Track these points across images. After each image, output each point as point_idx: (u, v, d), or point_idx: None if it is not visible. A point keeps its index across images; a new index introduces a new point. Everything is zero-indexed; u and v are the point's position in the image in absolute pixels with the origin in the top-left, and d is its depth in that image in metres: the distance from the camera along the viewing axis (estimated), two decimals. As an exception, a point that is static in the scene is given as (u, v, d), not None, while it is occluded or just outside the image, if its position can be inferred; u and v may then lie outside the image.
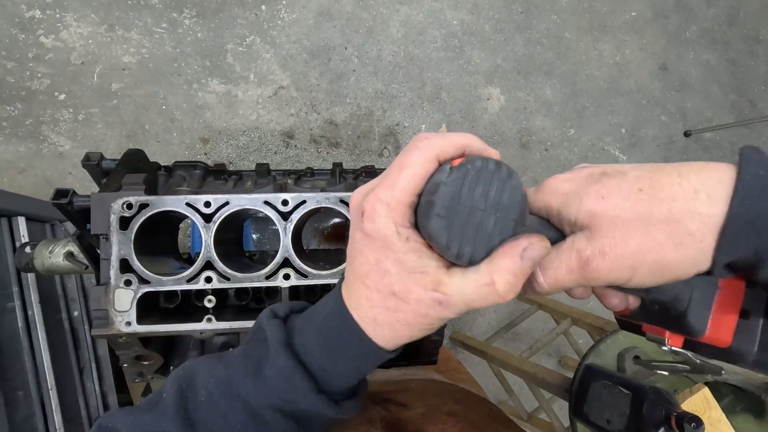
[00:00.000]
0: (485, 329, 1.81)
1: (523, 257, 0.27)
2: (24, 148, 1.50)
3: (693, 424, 0.56)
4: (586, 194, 0.27)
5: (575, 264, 0.27)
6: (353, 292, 0.31)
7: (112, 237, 0.56)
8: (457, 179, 0.27)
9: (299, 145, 1.71)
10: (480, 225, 0.27)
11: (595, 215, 0.26)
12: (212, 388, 0.34)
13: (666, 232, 0.25)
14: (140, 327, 0.57)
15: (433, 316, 0.29)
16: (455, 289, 0.28)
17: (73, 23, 1.56)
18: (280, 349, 0.33)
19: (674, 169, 0.26)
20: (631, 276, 0.26)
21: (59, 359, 0.89)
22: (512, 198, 0.27)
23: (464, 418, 0.49)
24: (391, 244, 0.28)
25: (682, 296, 0.28)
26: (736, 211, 0.24)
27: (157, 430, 0.33)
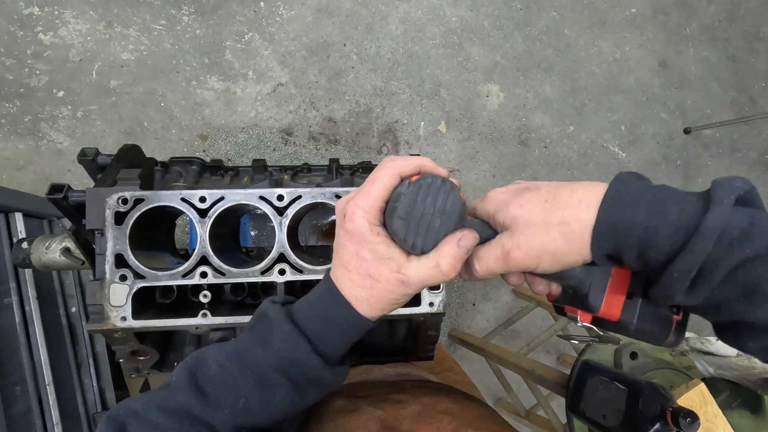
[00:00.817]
0: (484, 326, 1.81)
1: (459, 245, 0.37)
2: (23, 145, 1.50)
3: (688, 419, 0.56)
4: (512, 203, 0.37)
5: (500, 254, 0.37)
6: (339, 276, 0.40)
7: (107, 232, 0.56)
8: (413, 191, 0.37)
9: (298, 142, 1.71)
10: (429, 225, 0.37)
11: (515, 219, 0.36)
12: (223, 361, 0.40)
13: (559, 231, 0.34)
14: (135, 322, 0.57)
15: (398, 292, 0.38)
16: (413, 271, 0.37)
17: (72, 20, 1.55)
18: (283, 321, 0.40)
19: (570, 186, 0.35)
20: (538, 263, 0.35)
21: (57, 355, 0.89)
22: (453, 205, 0.37)
23: (459, 416, 0.49)
24: (366, 237, 0.37)
25: (585, 282, 0.37)
26: (601, 217, 0.32)
27: (172, 401, 0.38)
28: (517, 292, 1.78)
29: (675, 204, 0.31)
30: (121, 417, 0.38)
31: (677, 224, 0.30)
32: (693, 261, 0.29)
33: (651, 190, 0.32)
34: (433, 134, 1.81)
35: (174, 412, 0.38)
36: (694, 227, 0.29)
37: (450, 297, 1.80)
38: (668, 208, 0.31)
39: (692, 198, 0.31)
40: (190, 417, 0.38)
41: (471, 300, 1.82)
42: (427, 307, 0.62)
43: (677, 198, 0.31)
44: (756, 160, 2.12)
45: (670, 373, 0.76)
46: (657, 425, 0.60)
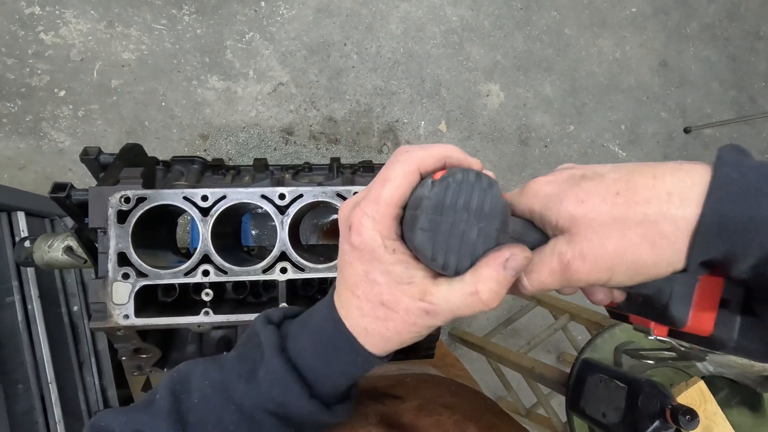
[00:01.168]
0: (484, 325, 1.81)
1: (506, 267, 0.28)
2: (24, 145, 1.50)
3: (688, 416, 0.56)
4: (566, 197, 0.28)
5: (557, 267, 0.28)
6: (344, 301, 0.32)
7: (109, 230, 0.57)
8: (438, 193, 0.28)
9: (298, 141, 1.71)
10: (463, 236, 0.28)
11: (574, 218, 0.27)
12: (206, 390, 0.35)
13: (641, 235, 0.26)
14: (138, 320, 0.57)
15: (421, 324, 0.30)
16: (442, 299, 0.29)
17: (73, 20, 1.56)
18: (274, 353, 0.34)
19: (650, 171, 0.27)
20: (609, 277, 0.27)
21: (59, 353, 0.90)
22: (493, 207, 0.28)
23: (459, 410, 0.49)
24: (378, 256, 0.29)
25: (664, 290, 0.30)
26: (707, 215, 0.25)
27: (150, 429, 0.34)
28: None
29: None
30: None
31: None
32: None
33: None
34: (434, 134, 1.82)
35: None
36: None
37: (450, 296, 1.81)
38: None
39: None
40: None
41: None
42: (427, 305, 0.62)
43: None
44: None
45: (670, 371, 0.76)
46: (656, 423, 0.60)
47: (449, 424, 0.47)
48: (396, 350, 0.34)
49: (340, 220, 0.33)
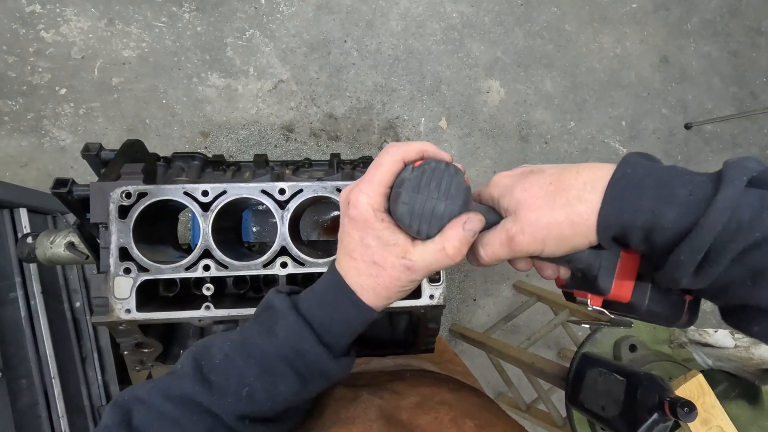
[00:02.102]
0: (484, 321, 1.82)
1: (464, 228, 0.36)
2: (26, 143, 1.51)
3: (686, 408, 0.57)
4: (516, 187, 0.36)
5: (504, 239, 0.36)
6: (344, 264, 0.40)
7: (111, 226, 0.57)
8: (417, 176, 0.36)
9: (299, 138, 1.71)
10: (434, 209, 0.36)
11: (519, 202, 0.36)
12: (228, 350, 0.40)
13: (564, 214, 0.33)
14: (139, 314, 0.58)
15: (404, 278, 0.38)
16: (418, 256, 0.37)
17: (73, 18, 1.56)
18: (289, 311, 0.40)
19: (576, 168, 0.35)
20: (543, 247, 0.35)
21: (61, 349, 0.90)
22: (457, 189, 0.37)
23: (457, 407, 0.50)
24: (371, 224, 0.37)
25: (594, 264, 0.37)
26: (606, 199, 0.32)
27: (177, 389, 0.38)
28: (517, 287, 1.79)
29: (683, 186, 0.30)
30: (127, 403, 0.38)
31: (685, 207, 0.29)
32: (700, 244, 0.29)
33: (659, 171, 0.32)
34: (434, 130, 1.82)
35: (178, 399, 0.38)
36: (704, 209, 0.29)
37: (451, 292, 1.81)
38: (676, 190, 0.30)
39: (702, 179, 0.30)
40: (194, 404, 0.38)
41: (472, 295, 1.83)
42: (427, 299, 0.62)
43: (686, 179, 0.30)
44: (757, 155, 2.12)
45: (669, 365, 0.76)
46: (655, 415, 0.60)
47: (447, 421, 0.47)
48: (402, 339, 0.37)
49: (341, 200, 0.41)
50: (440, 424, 0.46)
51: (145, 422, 0.37)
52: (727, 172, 0.29)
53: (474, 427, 0.47)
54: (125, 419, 0.37)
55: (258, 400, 0.39)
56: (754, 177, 0.29)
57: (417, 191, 0.36)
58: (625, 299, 0.37)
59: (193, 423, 0.37)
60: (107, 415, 0.38)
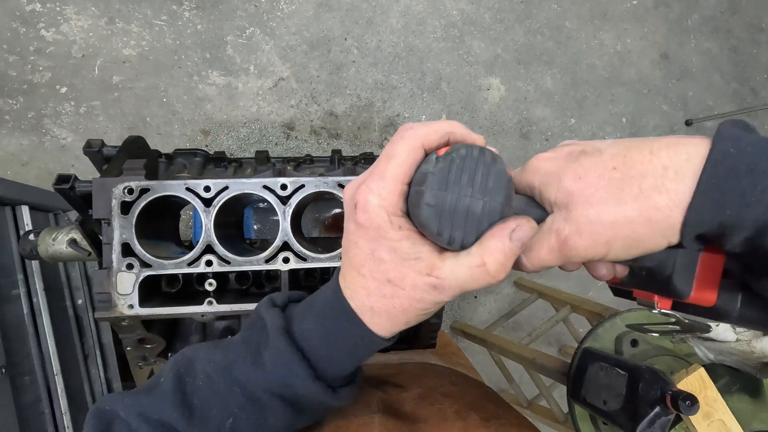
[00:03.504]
0: (486, 318, 1.82)
1: (512, 238, 0.28)
2: (27, 141, 1.51)
3: (687, 401, 0.57)
4: (565, 174, 0.28)
5: (555, 244, 0.28)
6: (350, 281, 0.32)
7: (113, 221, 0.57)
8: (443, 168, 0.28)
9: (300, 136, 1.71)
10: (468, 210, 0.28)
11: (571, 194, 0.28)
12: (211, 372, 0.35)
13: (637, 209, 0.26)
14: (142, 310, 0.58)
15: (429, 300, 0.30)
16: (449, 273, 0.29)
17: (74, 16, 1.56)
18: (279, 335, 0.34)
19: (647, 146, 0.27)
20: (607, 251, 0.28)
21: (64, 346, 0.91)
22: (497, 182, 0.29)
23: (460, 399, 0.50)
24: (384, 232, 0.29)
25: (667, 262, 0.30)
26: (702, 189, 0.25)
27: (155, 411, 0.34)
28: (518, 284, 1.79)
29: None
30: (108, 416, 0.35)
31: None
32: None
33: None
34: (435, 128, 1.82)
35: (157, 424, 0.34)
36: None
37: (452, 290, 1.81)
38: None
39: None
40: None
41: (473, 293, 1.83)
42: (429, 294, 0.62)
43: None
44: (758, 151, 2.12)
45: (671, 360, 0.77)
46: (657, 409, 0.60)
47: (450, 412, 0.47)
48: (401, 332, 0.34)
49: (345, 200, 0.32)
50: (444, 416, 0.46)
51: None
52: None
53: (479, 419, 0.46)
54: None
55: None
56: None
57: (445, 188, 0.28)
58: (710, 303, 0.30)
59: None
60: (89, 425, 0.35)
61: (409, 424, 0.45)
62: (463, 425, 0.45)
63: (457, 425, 0.45)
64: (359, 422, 0.43)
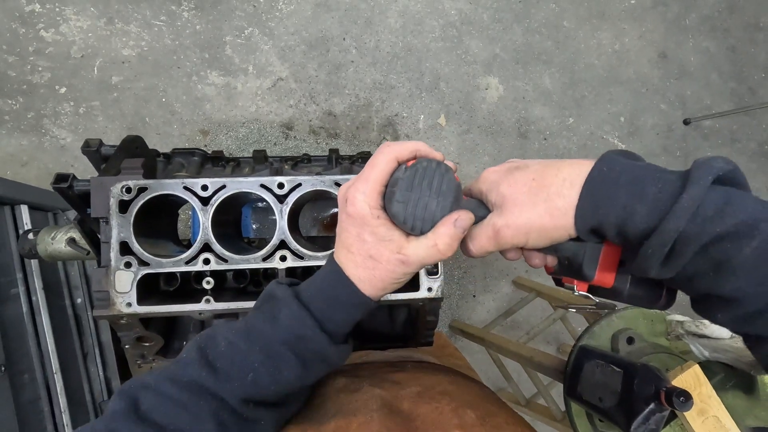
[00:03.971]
0: (484, 317, 1.82)
1: (455, 225, 0.38)
2: (26, 141, 1.51)
3: (681, 398, 0.57)
4: (502, 183, 0.39)
5: (491, 233, 0.39)
6: (342, 258, 0.42)
7: (111, 220, 0.58)
8: (410, 175, 0.38)
9: (298, 136, 1.72)
10: (427, 206, 0.39)
11: (504, 197, 0.38)
12: (232, 338, 0.42)
13: (544, 208, 0.36)
14: (140, 308, 0.58)
15: (399, 271, 0.40)
16: (412, 251, 0.39)
17: (73, 17, 1.56)
18: (291, 300, 0.42)
19: (557, 164, 0.37)
20: (527, 239, 0.37)
21: (63, 344, 0.91)
22: (449, 187, 0.39)
23: (458, 397, 0.50)
24: (367, 220, 0.39)
25: (579, 253, 0.40)
26: (583, 194, 0.34)
27: (184, 375, 0.40)
28: (516, 283, 1.80)
29: (654, 183, 0.33)
30: (133, 390, 0.39)
31: (653, 203, 0.32)
32: (666, 238, 0.31)
33: (634, 169, 0.34)
34: (433, 127, 1.82)
35: (185, 384, 0.39)
36: (670, 206, 0.31)
37: (450, 289, 1.82)
38: (646, 188, 0.33)
39: (672, 177, 0.33)
40: (201, 389, 0.39)
41: (471, 291, 1.84)
42: (425, 292, 0.63)
43: (657, 177, 0.33)
44: (755, 150, 2.12)
45: (666, 357, 0.77)
46: (652, 405, 0.61)
47: (447, 411, 0.47)
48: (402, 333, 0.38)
49: (339, 197, 0.42)
50: (441, 414, 0.47)
51: (153, 406, 0.38)
52: (694, 172, 0.32)
53: (475, 417, 0.47)
54: (132, 405, 0.38)
55: (262, 384, 0.41)
56: (721, 176, 0.31)
57: (410, 190, 0.38)
58: (609, 285, 0.39)
59: (199, 407, 0.39)
60: (114, 402, 0.39)
61: (407, 422, 0.46)
62: (459, 423, 0.46)
63: (453, 423, 0.46)
64: (359, 421, 0.44)
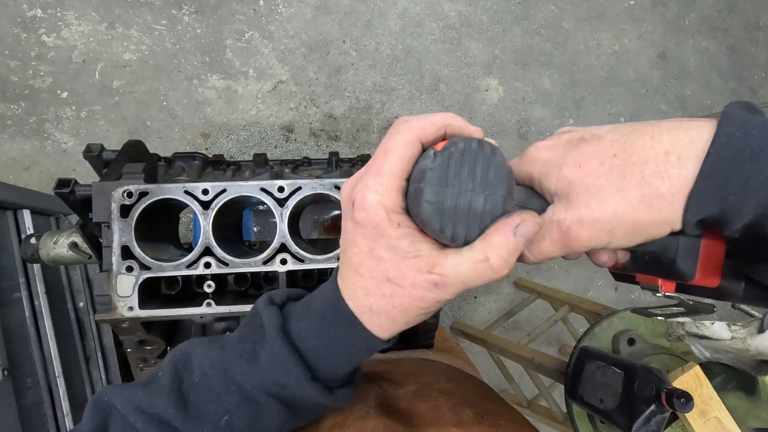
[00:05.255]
0: (485, 318, 1.82)
1: (517, 234, 0.27)
2: (28, 146, 1.52)
3: (682, 399, 0.57)
4: (564, 162, 0.28)
5: (557, 235, 0.28)
6: (348, 281, 0.32)
7: (113, 225, 0.58)
8: (442, 164, 0.27)
9: (299, 138, 1.72)
10: (470, 205, 0.28)
11: (572, 183, 0.27)
12: (207, 369, 0.35)
13: (638, 196, 0.25)
14: (142, 311, 0.59)
15: (430, 298, 0.29)
16: (450, 269, 0.28)
17: (74, 21, 1.57)
18: (276, 335, 0.33)
19: (648, 131, 0.26)
20: (609, 240, 0.27)
21: (66, 348, 0.92)
22: (498, 175, 0.28)
23: (455, 395, 0.50)
24: (382, 231, 0.28)
25: (670, 246, 0.29)
26: (705, 174, 0.24)
27: (152, 406, 0.34)
28: (518, 285, 1.80)
29: None
30: (106, 407, 0.35)
31: None
32: None
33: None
34: (433, 129, 1.82)
35: (153, 418, 0.34)
36: None
37: (452, 290, 1.82)
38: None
39: None
40: (168, 428, 0.34)
41: (472, 293, 1.84)
42: (425, 294, 0.63)
43: None
44: (757, 150, 2.12)
45: (667, 359, 0.77)
46: (652, 407, 0.61)
47: (446, 409, 0.47)
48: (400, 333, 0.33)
49: (342, 199, 0.32)
50: (439, 412, 0.47)
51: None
52: None
53: (472, 415, 0.47)
54: (102, 427, 0.34)
55: (238, 430, 0.34)
56: None
57: (445, 184, 0.27)
58: (713, 284, 0.30)
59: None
60: (87, 416, 0.35)
61: (404, 421, 0.46)
62: (457, 421, 0.46)
63: (451, 421, 0.46)
64: (355, 418, 0.43)
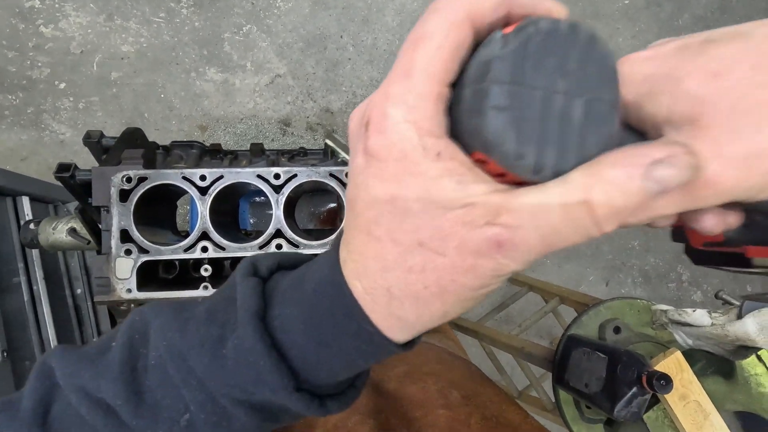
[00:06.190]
0: (478, 311, 1.85)
1: (649, 176, 0.16)
2: (26, 136, 1.53)
3: (662, 381, 0.60)
4: (687, 74, 0.18)
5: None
6: (354, 250, 0.21)
7: (112, 209, 0.60)
8: (517, 51, 0.17)
9: (296, 132, 1.74)
10: (563, 115, 0.17)
11: (705, 101, 0.17)
12: (163, 353, 0.26)
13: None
14: (140, 293, 0.60)
15: (487, 269, 0.18)
16: (526, 216, 0.17)
17: (72, 13, 1.58)
18: (250, 322, 0.23)
19: None
20: (764, 186, 0.17)
21: (63, 334, 0.93)
22: (603, 71, 0.18)
23: (443, 377, 0.52)
24: (413, 164, 0.18)
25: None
26: None
27: (98, 389, 0.26)
28: (510, 278, 1.82)
29: None
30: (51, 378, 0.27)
31: None
32: None
33: None
34: (429, 124, 1.84)
35: (99, 403, 0.26)
36: None
37: (446, 284, 1.84)
38: None
39: None
40: (116, 420, 0.26)
41: (466, 287, 1.86)
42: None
43: None
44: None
45: (651, 346, 0.79)
46: (634, 389, 0.63)
47: (433, 391, 0.49)
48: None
49: (351, 125, 0.22)
50: (427, 394, 0.49)
51: (62, 420, 0.26)
52: None
53: (460, 397, 0.49)
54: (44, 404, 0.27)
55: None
56: None
57: (522, 82, 0.17)
58: None
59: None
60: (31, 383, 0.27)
61: (392, 402, 0.48)
62: (445, 403, 0.48)
63: (439, 403, 0.47)
64: None
